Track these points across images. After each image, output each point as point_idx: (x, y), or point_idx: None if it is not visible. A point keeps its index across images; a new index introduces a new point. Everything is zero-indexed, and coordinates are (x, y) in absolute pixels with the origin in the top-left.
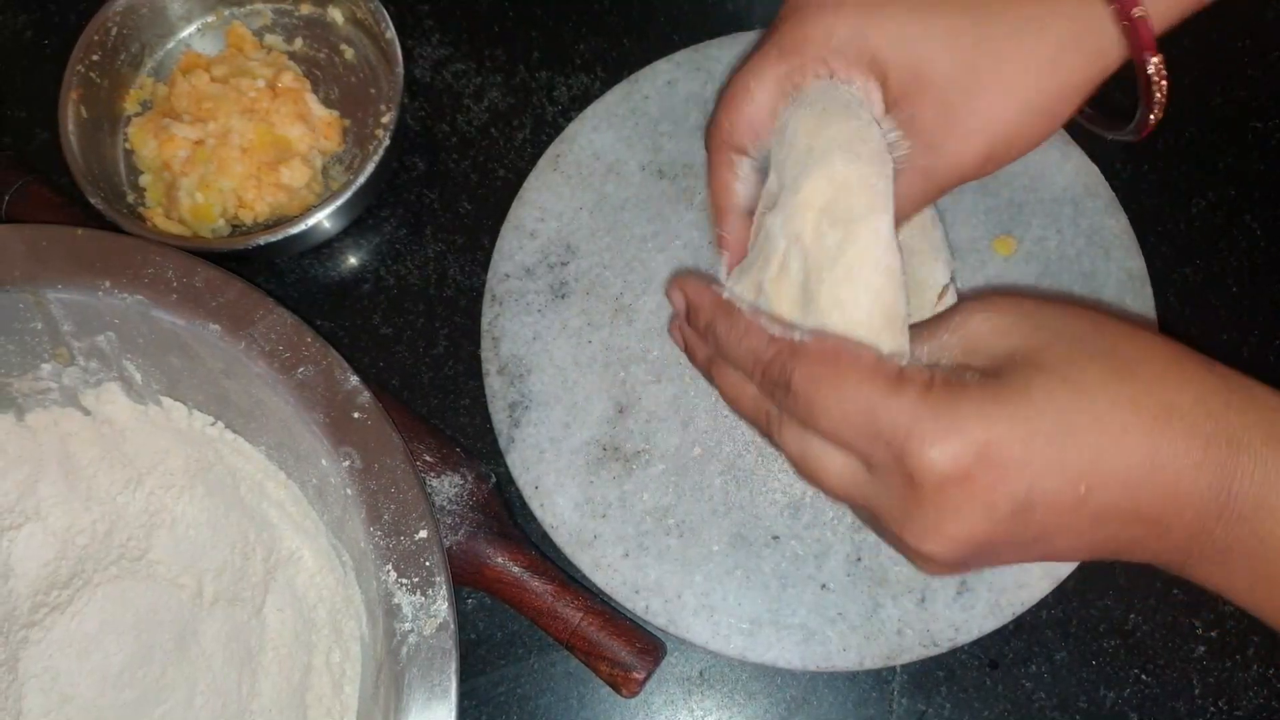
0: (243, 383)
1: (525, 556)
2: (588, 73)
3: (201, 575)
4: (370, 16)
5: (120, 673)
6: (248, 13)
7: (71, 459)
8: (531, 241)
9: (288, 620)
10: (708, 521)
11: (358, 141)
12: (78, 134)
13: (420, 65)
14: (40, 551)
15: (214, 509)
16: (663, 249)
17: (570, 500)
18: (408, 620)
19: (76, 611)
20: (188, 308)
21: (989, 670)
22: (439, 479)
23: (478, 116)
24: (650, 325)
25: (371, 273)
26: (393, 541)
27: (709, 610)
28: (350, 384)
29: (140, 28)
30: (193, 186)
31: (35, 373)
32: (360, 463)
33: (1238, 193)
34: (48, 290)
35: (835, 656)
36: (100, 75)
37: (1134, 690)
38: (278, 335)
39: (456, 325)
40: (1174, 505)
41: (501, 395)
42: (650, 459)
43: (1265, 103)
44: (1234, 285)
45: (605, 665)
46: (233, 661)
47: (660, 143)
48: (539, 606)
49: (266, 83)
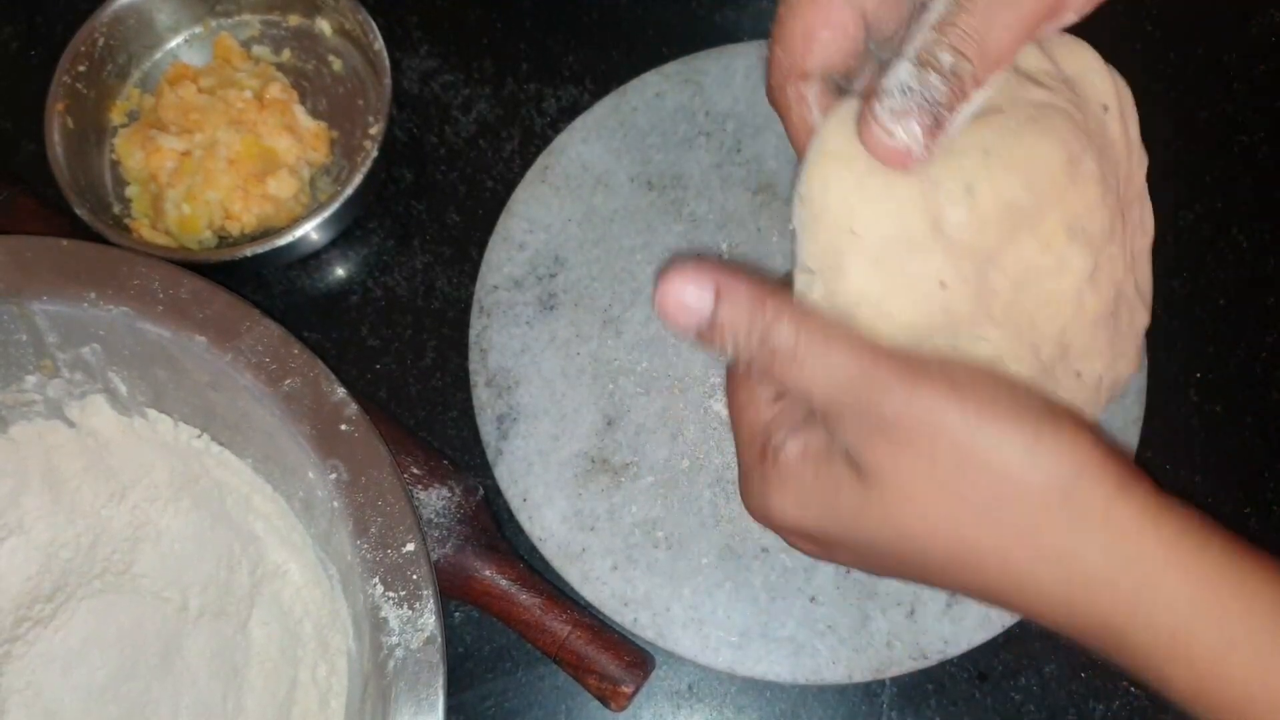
0: (229, 395)
1: (513, 569)
2: (576, 84)
3: (186, 589)
4: (358, 28)
5: (104, 688)
6: (235, 24)
7: (56, 472)
8: (520, 253)
9: (274, 634)
10: (696, 534)
11: (345, 153)
12: (64, 145)
13: (408, 77)
14: (23, 565)
15: (199, 522)
16: (651, 261)
17: (559, 513)
18: (395, 634)
19: (60, 626)
20: (174, 319)
21: (978, 683)
22: (427, 491)
23: (466, 128)
24: (639, 337)
25: (359, 284)
26: (380, 554)
27: (698, 623)
28: (337, 396)
29: (127, 39)
30: (179, 198)
31: (19, 385)
32: (347, 475)
33: (1225, 206)
34: (32, 301)
35: (824, 669)
36: (87, 86)
37: (1123, 703)
38: (264, 347)
39: (444, 337)
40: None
41: (490, 407)
42: (639, 471)
43: (1251, 116)
44: (1221, 298)
45: (594, 679)
46: (218, 676)
47: (649, 154)
48: (527, 620)
49: (254, 94)
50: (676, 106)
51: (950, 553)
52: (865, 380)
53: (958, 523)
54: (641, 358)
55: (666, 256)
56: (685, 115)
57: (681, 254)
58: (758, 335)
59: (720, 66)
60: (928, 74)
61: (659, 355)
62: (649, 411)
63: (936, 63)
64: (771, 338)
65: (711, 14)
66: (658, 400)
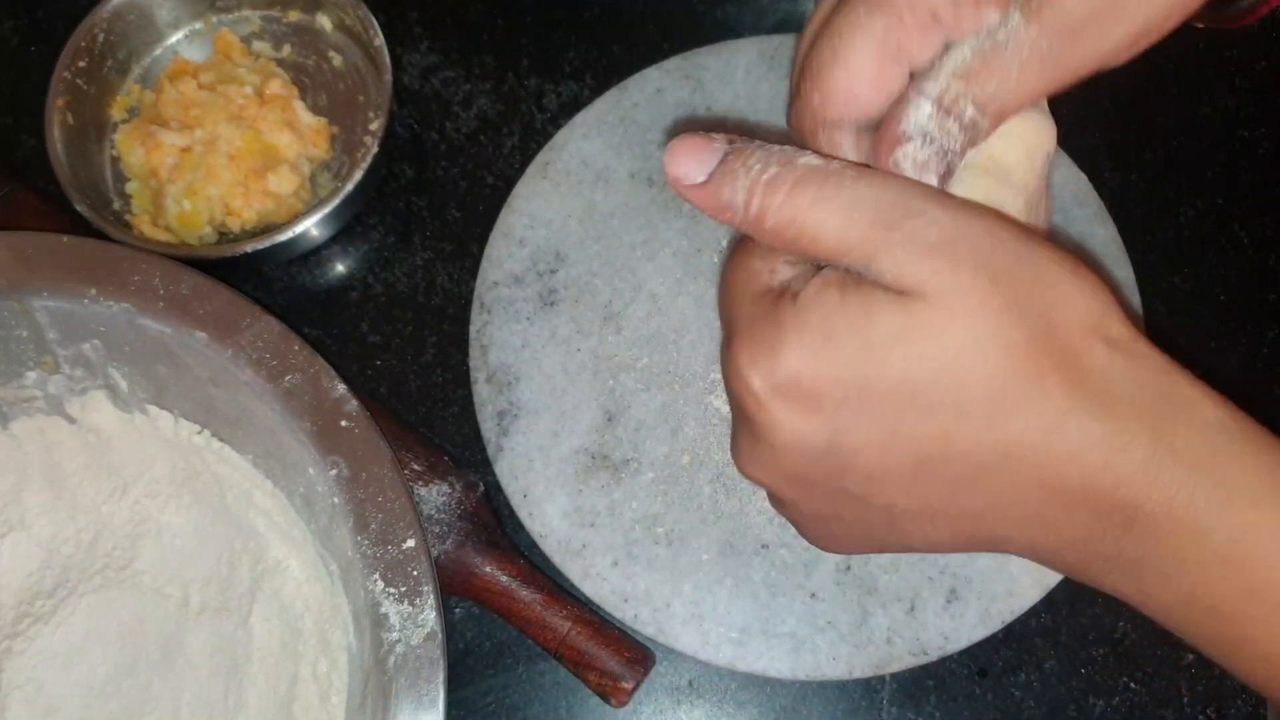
0: (230, 391)
1: (514, 565)
2: (577, 80)
3: (187, 585)
4: (359, 23)
5: (105, 684)
6: (236, 20)
7: (57, 468)
8: (520, 249)
9: (274, 630)
10: (697, 530)
11: (346, 149)
12: (64, 141)
13: (409, 72)
14: (24, 561)
15: (200, 518)
16: (652, 257)
17: (559, 509)
18: (395, 630)
19: (61, 622)
20: (174, 315)
21: (978, 679)
22: (427, 487)
23: (466, 124)
24: (639, 333)
25: (359, 280)
26: (380, 550)
27: (698, 619)
28: (338, 392)
29: (127, 34)
30: (180, 194)
31: (20, 381)
32: (348, 471)
33: (1226, 202)
34: (33, 298)
35: (825, 665)
36: (87, 82)
37: (1123, 698)
38: (265, 343)
39: (445, 333)
40: (1062, 498)
41: (490, 403)
42: (639, 467)
43: (1253, 112)
44: (1222, 294)
45: (594, 675)
46: (219, 672)
47: (650, 150)
48: (528, 616)
49: (254, 90)
50: (677, 102)
51: (993, 391)
52: (914, 202)
53: (1012, 347)
54: (642, 354)
55: (667, 253)
56: (686, 111)
57: (683, 251)
58: (775, 167)
59: (721, 62)
60: (948, 122)
61: (659, 351)
62: (649, 407)
63: (957, 112)
64: (794, 165)
65: (713, 9)
66: (658, 396)
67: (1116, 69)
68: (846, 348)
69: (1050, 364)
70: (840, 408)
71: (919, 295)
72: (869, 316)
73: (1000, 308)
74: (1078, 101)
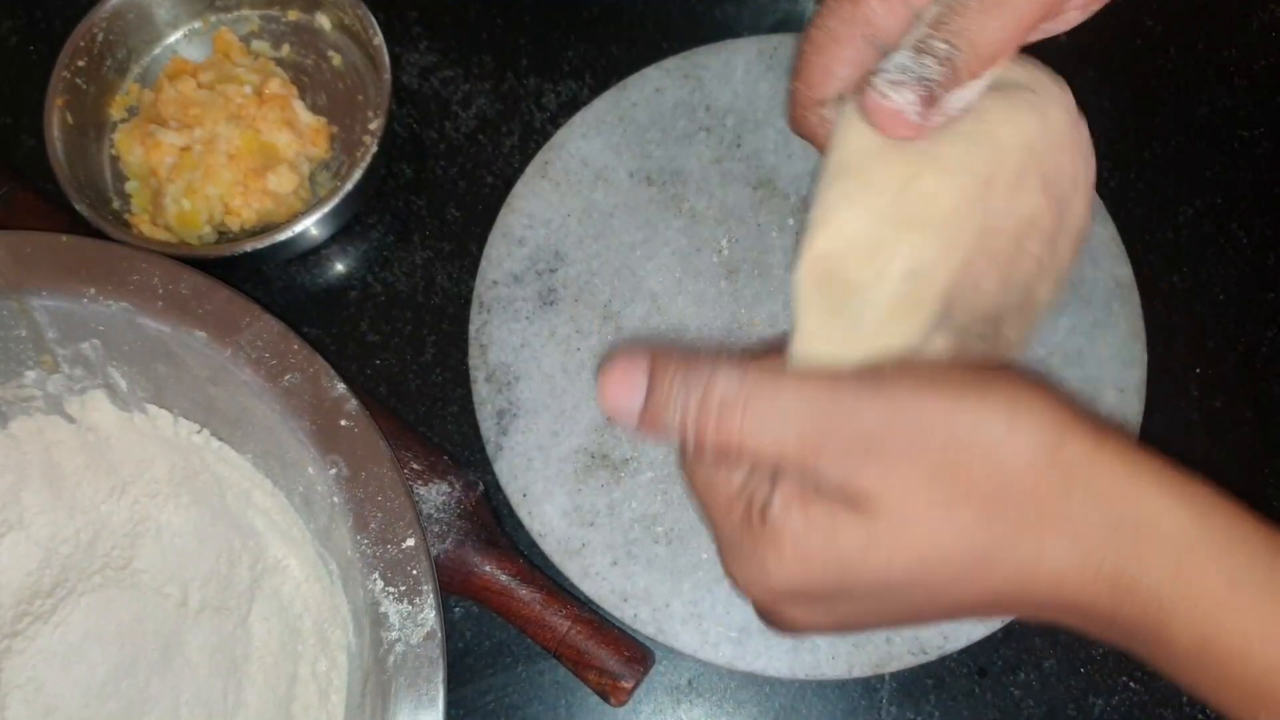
0: (229, 390)
1: (513, 565)
2: (576, 80)
3: (186, 584)
4: (358, 23)
5: (104, 683)
6: (235, 19)
7: (56, 467)
8: (520, 249)
9: (274, 630)
10: (696, 529)
11: (345, 148)
12: (63, 140)
13: (408, 72)
14: (23, 560)
15: (199, 517)
16: (651, 256)
17: (558, 508)
18: (395, 629)
19: (60, 621)
20: (174, 315)
21: (978, 678)
22: (426, 487)
23: (466, 123)
24: (638, 333)
25: (359, 280)
26: (380, 550)
27: (697, 618)
28: (337, 391)
29: (127, 34)
30: (179, 193)
31: (19, 380)
32: (347, 470)
33: (1225, 201)
34: (32, 297)
35: (824, 665)
36: (86, 81)
37: (1122, 698)
38: (264, 342)
39: (444, 333)
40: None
41: (489, 403)
42: (639, 467)
43: (1252, 111)
44: (1221, 293)
45: (594, 674)
46: (218, 672)
47: (649, 150)
48: (527, 615)
49: (254, 89)
50: (676, 102)
51: (964, 565)
52: (835, 405)
53: (965, 529)
54: None
55: (666, 253)
56: (685, 110)
57: (682, 250)
58: (698, 395)
59: (720, 62)
60: (923, 58)
61: None
62: None
63: (931, 50)
64: (714, 391)
65: (711, 9)
66: None
67: (1116, 69)
68: (824, 568)
69: (1013, 523)
70: (834, 598)
71: (870, 504)
72: (834, 536)
73: (944, 500)
74: (1077, 101)
